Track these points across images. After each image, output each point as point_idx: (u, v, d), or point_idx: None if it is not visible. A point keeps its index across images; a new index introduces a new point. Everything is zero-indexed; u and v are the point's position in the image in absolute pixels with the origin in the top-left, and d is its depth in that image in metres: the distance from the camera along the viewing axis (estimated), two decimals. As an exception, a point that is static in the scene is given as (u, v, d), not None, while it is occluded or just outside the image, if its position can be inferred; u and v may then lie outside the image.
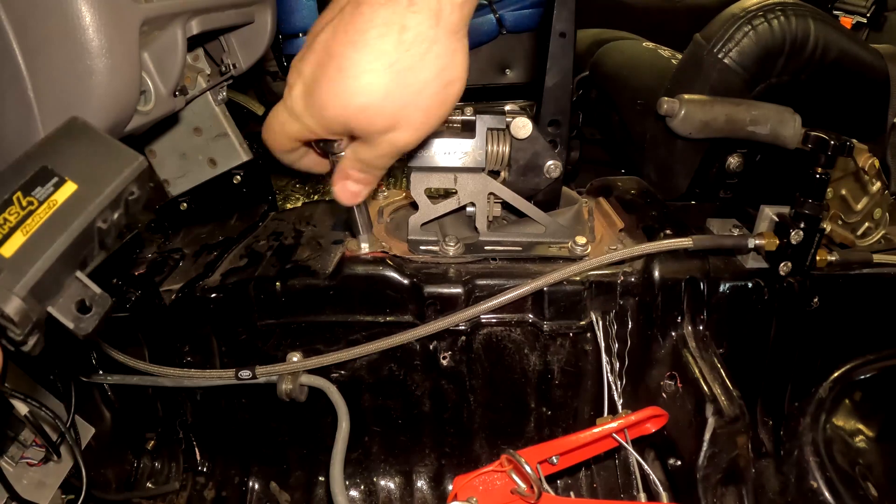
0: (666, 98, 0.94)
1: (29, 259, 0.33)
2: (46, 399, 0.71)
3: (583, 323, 0.69)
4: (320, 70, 0.44)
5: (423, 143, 0.69)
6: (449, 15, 0.43)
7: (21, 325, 0.32)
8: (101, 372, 0.75)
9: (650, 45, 1.53)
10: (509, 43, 1.72)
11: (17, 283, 0.32)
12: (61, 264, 0.34)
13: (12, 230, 0.33)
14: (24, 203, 0.34)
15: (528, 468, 0.57)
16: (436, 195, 0.73)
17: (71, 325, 0.35)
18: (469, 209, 0.74)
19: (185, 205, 0.87)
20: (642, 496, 0.66)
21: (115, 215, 0.37)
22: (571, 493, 0.79)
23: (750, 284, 0.69)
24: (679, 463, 0.65)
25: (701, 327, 0.69)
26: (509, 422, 0.75)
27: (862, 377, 0.78)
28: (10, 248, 0.33)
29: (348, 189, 0.53)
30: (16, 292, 0.32)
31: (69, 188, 0.36)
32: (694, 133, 0.92)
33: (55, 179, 0.36)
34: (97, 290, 0.36)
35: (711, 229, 0.74)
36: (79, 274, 0.36)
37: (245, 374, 0.67)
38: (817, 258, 0.68)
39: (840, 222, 0.85)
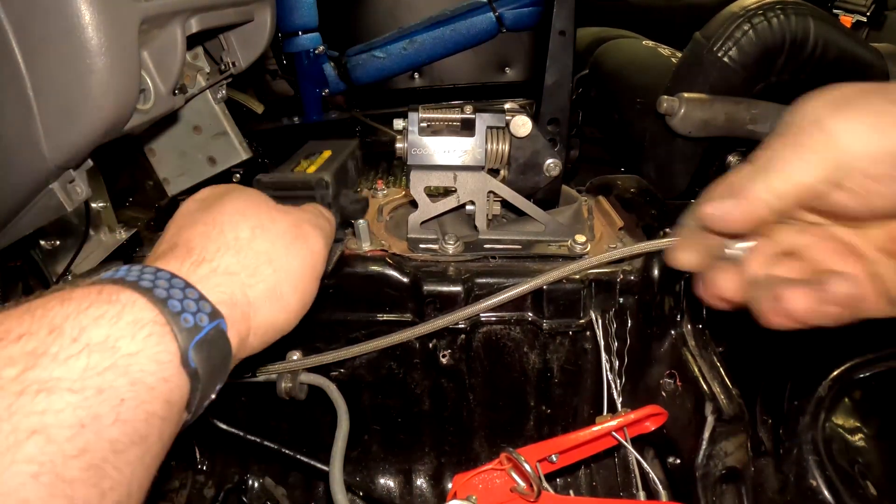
0: (665, 97, 0.94)
1: (323, 169, 0.66)
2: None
3: (582, 321, 0.69)
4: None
5: (423, 142, 0.69)
6: None
7: (328, 187, 0.63)
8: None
9: (650, 43, 1.53)
10: (509, 41, 1.72)
11: (326, 171, 0.65)
12: (339, 179, 0.66)
13: (308, 166, 0.67)
14: (307, 163, 0.68)
15: (527, 466, 0.57)
16: (435, 193, 0.73)
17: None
18: (468, 207, 0.74)
19: (184, 203, 0.87)
20: (641, 494, 0.66)
21: (354, 163, 0.73)
22: (571, 492, 0.79)
23: (749, 283, 0.69)
24: (678, 461, 0.65)
25: (700, 326, 0.69)
26: (509, 420, 0.75)
27: (862, 376, 0.78)
28: (310, 170, 0.66)
29: None
30: (328, 173, 0.64)
31: (327, 153, 0.71)
32: (693, 132, 0.92)
33: (318, 152, 0.71)
34: (356, 196, 0.71)
35: (711, 228, 0.74)
36: (345, 191, 0.70)
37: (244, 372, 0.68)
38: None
39: (840, 221, 0.85)
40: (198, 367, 0.35)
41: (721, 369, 0.65)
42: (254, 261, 0.43)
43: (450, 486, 0.75)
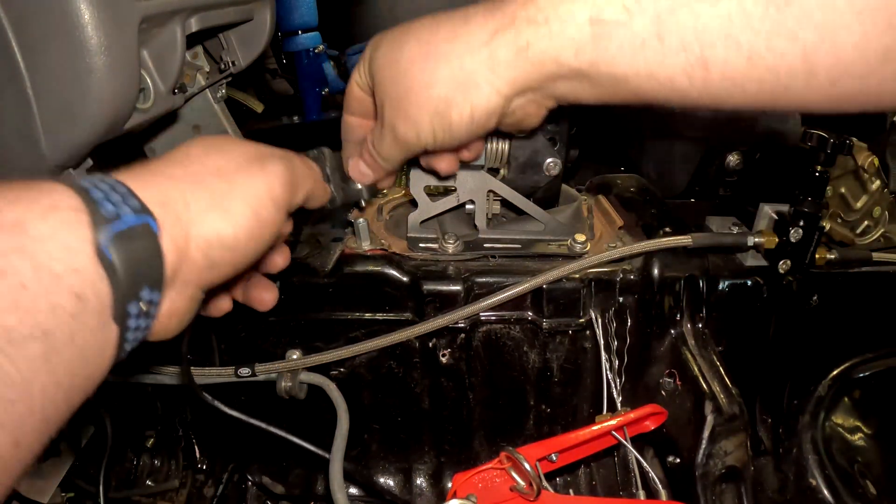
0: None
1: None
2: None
3: (582, 320, 0.69)
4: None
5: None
6: None
7: (329, 159, 0.58)
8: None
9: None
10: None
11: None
12: (341, 164, 0.60)
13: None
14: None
15: (527, 465, 0.57)
16: (435, 193, 0.73)
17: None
18: (468, 207, 0.74)
19: (184, 202, 0.87)
20: (641, 494, 0.66)
21: None
22: (570, 491, 0.79)
23: (749, 282, 0.69)
24: (678, 460, 0.65)
25: (700, 325, 0.69)
26: (508, 419, 0.76)
27: (861, 375, 0.78)
28: None
29: (359, 168, 0.58)
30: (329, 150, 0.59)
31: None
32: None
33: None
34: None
35: (711, 227, 0.74)
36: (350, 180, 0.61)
37: (244, 371, 0.68)
38: (816, 256, 0.68)
39: (839, 220, 0.85)
40: (115, 261, 0.32)
41: (721, 368, 0.65)
42: (200, 170, 0.40)
43: (449, 485, 0.75)
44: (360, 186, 0.60)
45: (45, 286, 0.30)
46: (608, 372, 0.68)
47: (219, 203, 0.39)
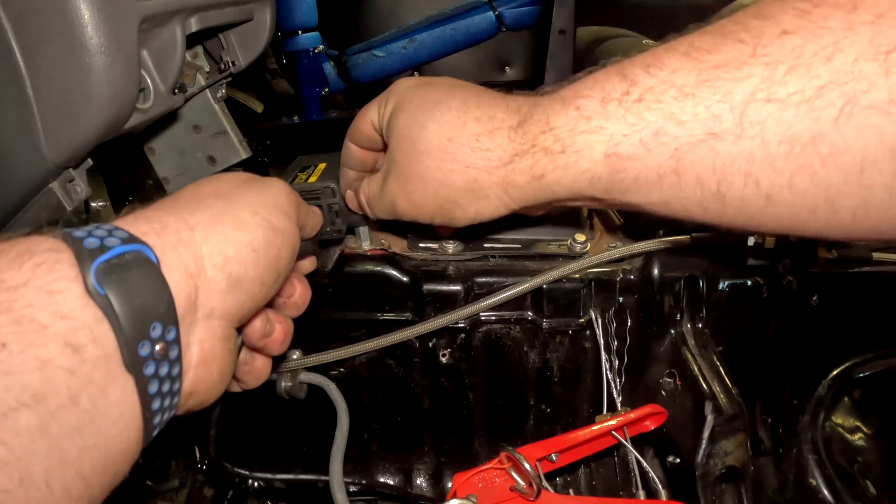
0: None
1: (327, 178, 0.65)
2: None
3: (582, 321, 0.69)
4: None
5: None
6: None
7: (336, 195, 0.63)
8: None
9: (650, 43, 1.52)
10: (509, 40, 1.72)
11: (331, 180, 0.63)
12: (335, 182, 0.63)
13: (307, 178, 0.66)
14: (304, 176, 0.67)
15: (527, 465, 0.57)
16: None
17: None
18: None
19: (184, 202, 0.87)
20: (641, 494, 0.66)
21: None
22: (570, 491, 0.79)
23: (749, 282, 0.69)
24: (678, 460, 0.65)
25: (700, 325, 0.69)
26: (508, 419, 0.76)
27: (861, 375, 0.78)
28: (312, 180, 0.65)
29: (354, 202, 0.60)
30: (333, 180, 0.63)
31: (322, 165, 0.69)
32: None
33: (313, 165, 0.70)
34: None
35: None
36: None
37: (244, 371, 0.67)
38: (817, 256, 0.68)
39: (839, 220, 0.84)
40: (111, 297, 0.27)
41: (721, 368, 0.65)
42: (195, 195, 0.38)
43: (449, 485, 0.75)
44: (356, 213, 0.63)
45: (29, 339, 0.25)
46: (608, 372, 0.68)
47: (224, 216, 0.37)
